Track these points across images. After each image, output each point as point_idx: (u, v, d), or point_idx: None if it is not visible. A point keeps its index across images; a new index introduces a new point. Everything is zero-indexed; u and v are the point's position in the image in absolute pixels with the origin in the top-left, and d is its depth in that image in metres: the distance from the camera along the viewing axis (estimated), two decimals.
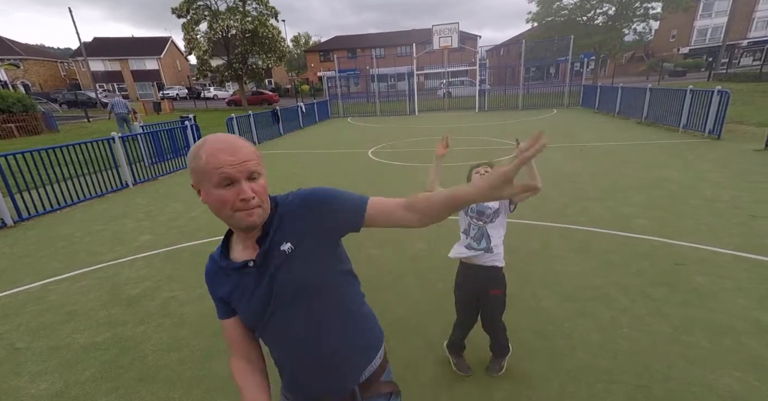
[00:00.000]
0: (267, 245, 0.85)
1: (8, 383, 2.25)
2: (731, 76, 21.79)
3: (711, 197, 4.66)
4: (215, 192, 0.77)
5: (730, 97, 7.78)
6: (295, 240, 0.85)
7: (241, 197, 0.77)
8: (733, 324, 2.39)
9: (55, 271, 3.70)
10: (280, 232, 0.86)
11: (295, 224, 0.86)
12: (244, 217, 0.79)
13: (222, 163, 0.75)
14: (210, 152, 0.76)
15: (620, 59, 38.06)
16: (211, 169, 0.76)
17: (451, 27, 16.92)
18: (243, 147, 0.79)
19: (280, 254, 0.84)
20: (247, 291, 0.87)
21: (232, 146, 0.77)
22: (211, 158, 0.76)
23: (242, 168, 0.76)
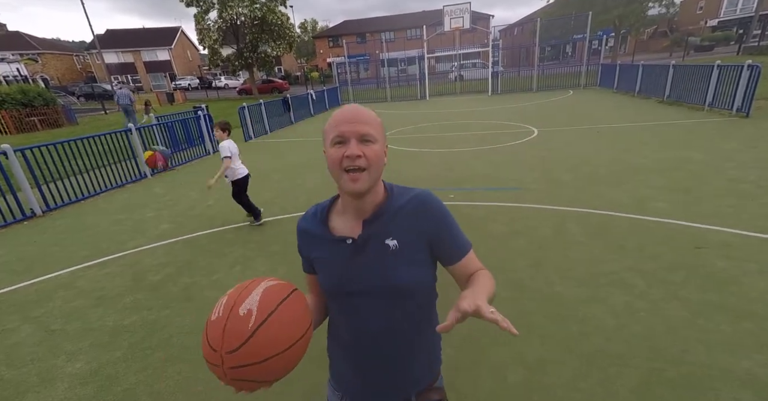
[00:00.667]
0: (373, 232, 0.86)
1: (47, 362, 2.41)
2: (763, 49, 20.60)
3: (736, 178, 4.49)
4: (330, 150, 0.81)
5: (761, 72, 7.36)
6: (401, 240, 0.85)
7: (347, 154, 0.78)
8: (755, 309, 2.34)
9: (83, 258, 3.87)
10: (390, 226, 0.86)
11: (406, 225, 0.86)
12: (350, 182, 0.80)
13: (339, 122, 0.80)
14: (335, 116, 0.83)
15: (642, 35, 36.28)
16: (330, 128, 0.81)
17: (462, 7, 16.39)
18: (363, 113, 0.82)
19: (383, 248, 0.85)
20: (336, 264, 0.88)
21: (353, 111, 0.82)
22: (333, 120, 0.82)
23: (354, 128, 0.79)
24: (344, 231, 0.89)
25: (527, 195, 4.58)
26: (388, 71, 20.17)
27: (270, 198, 5.32)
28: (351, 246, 0.86)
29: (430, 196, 0.90)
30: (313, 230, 0.93)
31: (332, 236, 0.89)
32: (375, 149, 0.80)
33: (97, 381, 2.22)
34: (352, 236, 0.87)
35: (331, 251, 0.89)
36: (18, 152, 5.13)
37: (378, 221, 0.86)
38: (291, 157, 7.96)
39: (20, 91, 14.53)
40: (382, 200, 0.89)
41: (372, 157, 0.80)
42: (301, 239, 0.97)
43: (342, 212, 0.91)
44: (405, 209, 0.87)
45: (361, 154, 0.78)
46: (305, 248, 0.96)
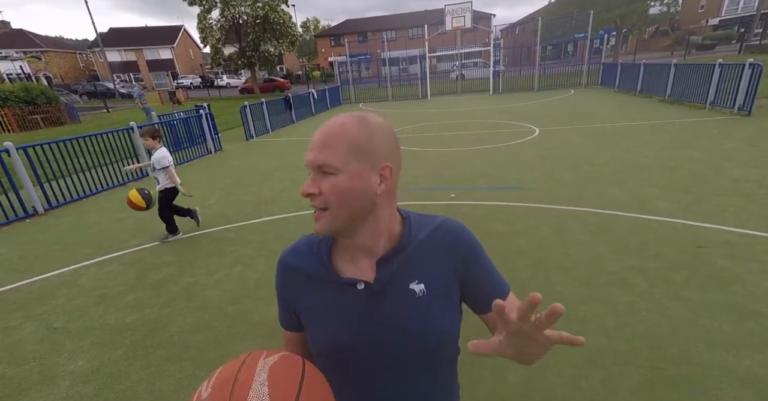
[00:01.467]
0: (392, 274, 0.68)
1: (49, 359, 2.42)
2: (765, 48, 20.51)
3: (738, 177, 4.47)
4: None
5: (762, 71, 7.33)
6: (429, 283, 0.68)
7: (300, 191, 0.64)
8: (757, 308, 2.34)
9: (84, 257, 3.88)
10: (414, 265, 0.69)
11: (433, 263, 0.70)
12: (315, 219, 0.66)
13: (309, 147, 0.65)
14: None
15: (643, 34, 36.18)
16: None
17: (463, 6, 16.36)
18: (330, 132, 0.63)
19: (407, 294, 0.68)
20: (342, 317, 0.69)
21: (320, 130, 0.64)
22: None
23: (312, 157, 0.63)
24: (353, 273, 0.70)
25: (528, 194, 4.57)
26: (390, 70, 20.16)
27: (271, 197, 5.32)
28: (364, 293, 0.67)
29: (457, 225, 0.74)
30: (308, 270, 0.72)
31: (337, 279, 0.69)
32: (335, 182, 0.61)
33: (99, 379, 2.23)
34: (365, 280, 0.68)
35: (335, 300, 0.69)
36: (20, 150, 5.15)
37: (396, 259, 0.69)
38: (292, 156, 7.96)
39: (23, 89, 14.57)
40: (398, 232, 0.71)
41: (330, 193, 0.62)
42: (285, 280, 0.75)
43: (347, 247, 0.71)
44: (429, 243, 0.71)
45: (314, 192, 0.63)
46: (290, 293, 0.75)
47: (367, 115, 0.66)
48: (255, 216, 4.61)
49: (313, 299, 0.72)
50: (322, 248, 0.73)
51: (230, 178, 6.57)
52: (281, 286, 0.77)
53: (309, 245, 0.75)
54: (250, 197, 5.41)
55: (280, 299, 0.78)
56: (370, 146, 0.63)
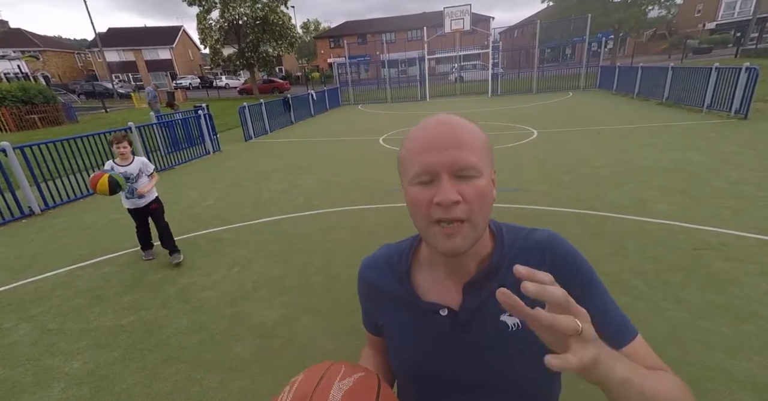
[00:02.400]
0: (480, 302, 0.59)
1: (44, 361, 2.39)
2: (761, 52, 20.66)
3: (736, 180, 4.49)
4: (409, 190, 0.55)
5: (758, 75, 7.38)
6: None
7: (437, 200, 0.51)
8: (755, 310, 2.34)
9: (81, 257, 3.86)
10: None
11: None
12: (443, 239, 0.53)
13: (422, 147, 0.54)
14: (414, 136, 0.56)
15: (641, 38, 36.39)
16: (409, 156, 0.55)
17: (462, 9, 16.40)
18: (460, 130, 0.54)
19: (497, 327, 0.59)
20: (422, 344, 0.62)
21: (444, 128, 0.54)
22: (413, 142, 0.56)
23: (447, 158, 0.52)
24: (436, 295, 0.62)
25: (527, 196, 4.58)
26: (389, 72, 20.18)
27: (269, 198, 5.30)
28: (447, 321, 0.60)
29: (561, 242, 0.62)
30: (385, 287, 0.67)
31: (418, 302, 0.62)
32: (480, 186, 0.53)
33: (94, 381, 2.20)
34: (449, 306, 0.60)
35: (415, 323, 0.63)
36: (17, 150, 5.12)
37: (486, 285, 0.59)
38: (290, 157, 7.95)
39: (21, 88, 14.51)
40: (489, 251, 0.61)
41: (475, 200, 0.53)
42: (365, 293, 0.72)
43: (429, 264, 0.64)
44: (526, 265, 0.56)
45: (458, 199, 0.51)
46: (370, 305, 0.71)
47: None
48: (253, 217, 4.59)
49: (392, 318, 0.66)
50: (402, 264, 0.65)
51: (228, 179, 6.55)
52: (362, 296, 0.73)
53: (388, 259, 0.67)
54: (249, 198, 5.39)
55: (363, 306, 0.75)
56: (490, 147, 0.57)
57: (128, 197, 3.44)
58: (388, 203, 4.68)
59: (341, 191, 5.35)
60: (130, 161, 3.39)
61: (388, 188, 5.23)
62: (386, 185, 5.38)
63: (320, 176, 6.19)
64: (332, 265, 3.33)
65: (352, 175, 6.11)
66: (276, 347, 2.38)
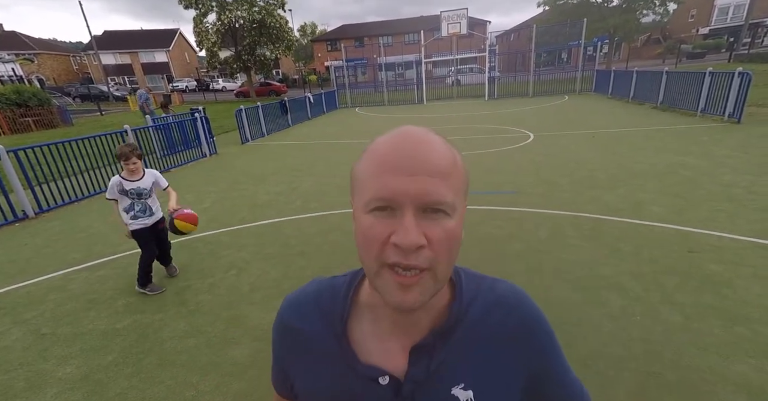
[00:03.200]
0: (426, 373, 0.48)
1: (37, 366, 2.37)
2: (753, 57, 20.94)
3: (729, 183, 4.54)
4: (361, 219, 0.43)
5: (751, 79, 7.48)
6: (480, 388, 0.48)
7: (395, 240, 0.39)
8: (748, 312, 2.36)
9: (75, 261, 3.82)
10: (462, 359, 0.49)
11: (491, 357, 0.49)
12: (393, 287, 0.42)
13: (387, 167, 0.41)
14: (377, 149, 0.44)
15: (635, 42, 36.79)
16: (368, 174, 0.43)
17: (459, 13, 16.52)
18: (437, 152, 0.41)
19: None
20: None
21: (412, 146, 0.41)
22: (377, 156, 0.43)
23: (417, 187, 0.39)
24: (374, 355, 0.50)
25: (523, 199, 4.60)
26: (386, 75, 20.25)
27: (266, 201, 5.29)
28: (387, 391, 0.48)
29: (527, 302, 0.54)
30: (312, 337, 0.53)
31: (354, 363, 0.49)
32: (450, 229, 0.41)
33: (87, 386, 2.18)
34: (391, 373, 0.48)
35: (345, 390, 0.50)
36: (11, 153, 5.08)
37: (439, 349, 0.48)
38: (287, 160, 7.95)
39: (15, 91, 14.42)
40: (446, 303, 0.50)
41: (443, 246, 0.41)
42: (283, 342, 0.57)
43: (371, 312, 0.51)
44: (487, 326, 0.50)
45: (423, 243, 0.39)
46: (287, 358, 0.57)
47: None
48: (250, 220, 4.58)
49: (314, 379, 0.52)
50: (337, 309, 0.52)
51: (225, 181, 6.54)
52: (277, 343, 0.58)
53: (318, 300, 0.54)
54: (246, 200, 5.37)
55: (275, 358, 0.60)
56: (466, 176, 0.45)
57: (139, 216, 2.99)
58: None
59: (338, 194, 5.35)
60: (140, 175, 2.99)
61: None
62: None
63: (317, 179, 6.19)
64: (330, 268, 3.32)
65: (348, 177, 6.11)
66: None
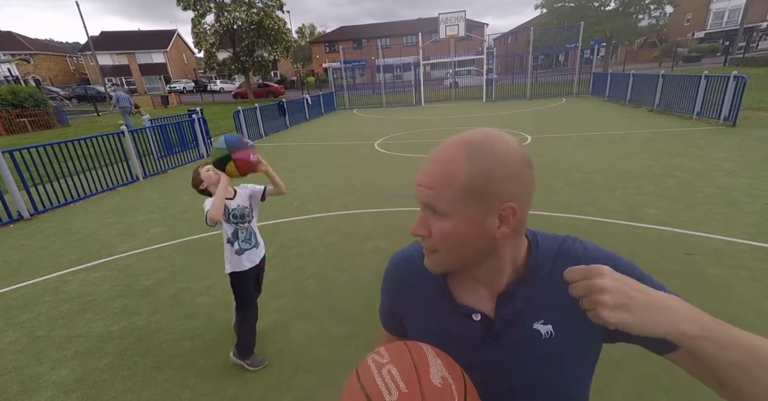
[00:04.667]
0: (512, 314, 0.59)
1: (31, 369, 2.34)
2: (748, 61, 21.11)
3: (725, 186, 4.56)
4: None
5: (746, 83, 7.55)
6: (557, 321, 0.58)
7: (410, 229, 0.57)
8: (746, 315, 2.37)
9: (71, 263, 3.79)
10: (540, 301, 0.58)
11: (565, 297, 0.53)
12: (426, 255, 0.59)
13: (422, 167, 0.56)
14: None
15: (632, 45, 37.07)
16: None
17: (457, 15, 16.59)
18: (439, 165, 0.53)
19: (530, 335, 0.58)
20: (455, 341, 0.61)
21: (431, 159, 0.55)
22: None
23: (417, 191, 0.56)
24: (468, 299, 0.62)
25: None
26: (384, 77, 20.29)
27: (263, 202, 5.27)
28: (480, 326, 0.60)
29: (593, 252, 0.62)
30: (418, 285, 0.66)
31: (452, 303, 0.62)
32: (443, 228, 0.54)
33: (83, 389, 2.16)
34: (481, 311, 0.60)
35: (447, 324, 0.62)
36: (6, 154, 5.04)
37: (520, 293, 0.59)
38: (285, 161, 7.94)
39: (11, 91, 14.33)
40: (523, 261, 0.60)
41: (438, 240, 0.55)
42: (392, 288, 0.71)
43: (466, 274, 0.63)
44: (557, 272, 0.55)
45: (422, 233, 0.56)
46: (396, 301, 0.70)
47: (490, 138, 0.52)
48: None
49: (422, 317, 0.65)
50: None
51: None
52: (388, 292, 0.71)
53: (423, 256, 0.64)
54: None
55: (385, 299, 0.72)
56: (486, 187, 0.51)
57: (244, 248, 2.17)
58: (383, 208, 4.67)
59: (336, 196, 5.34)
60: (232, 194, 2.24)
61: (386, 192, 5.23)
62: (381, 190, 5.38)
63: (315, 181, 6.18)
64: (326, 270, 3.31)
65: (347, 179, 6.11)
66: (270, 352, 2.36)
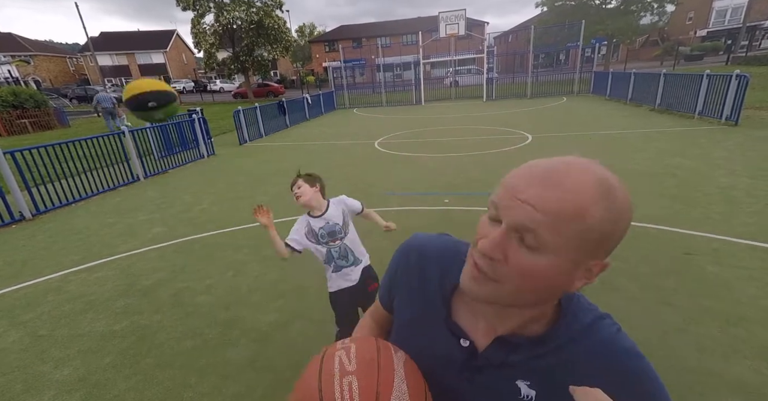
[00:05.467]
0: (500, 361, 0.54)
1: (34, 368, 2.36)
2: (751, 60, 21.03)
3: (726, 186, 4.56)
4: (484, 215, 0.51)
5: (749, 82, 7.52)
6: (544, 392, 0.53)
7: (480, 245, 0.47)
8: (745, 314, 2.37)
9: (73, 263, 3.81)
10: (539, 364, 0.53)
11: (564, 377, 0.50)
12: (466, 270, 0.51)
13: (513, 181, 0.47)
14: (528, 164, 0.50)
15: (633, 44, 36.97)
16: (502, 183, 0.49)
17: (457, 14, 16.56)
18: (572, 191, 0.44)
19: (508, 389, 0.54)
20: (434, 348, 0.59)
21: (559, 177, 0.45)
22: (520, 168, 0.49)
23: (517, 207, 0.44)
24: (464, 320, 0.58)
25: None
26: (384, 76, 20.28)
27: (264, 202, 5.24)
28: (463, 353, 0.57)
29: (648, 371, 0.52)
30: (425, 279, 0.63)
31: (446, 317, 0.59)
32: (532, 265, 0.45)
33: (85, 388, 2.17)
34: (471, 339, 0.57)
35: (433, 334, 0.60)
36: (8, 155, 5.06)
37: (520, 348, 0.54)
38: (286, 161, 7.95)
39: (11, 93, 14.36)
40: (547, 317, 0.55)
41: (515, 274, 0.46)
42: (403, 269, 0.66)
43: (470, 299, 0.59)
44: (577, 353, 0.52)
45: (497, 258, 0.45)
46: (400, 284, 0.66)
47: (621, 184, 0.49)
48: (248, 221, 4.57)
49: (413, 313, 0.63)
50: (453, 270, 0.58)
51: (223, 182, 6.53)
52: (397, 267, 0.67)
53: (441, 258, 0.62)
54: (243, 201, 5.37)
55: (388, 278, 0.69)
56: (606, 238, 0.45)
57: (342, 265, 1.96)
58: (384, 207, 4.68)
59: (337, 195, 5.34)
60: (323, 206, 1.99)
61: (386, 191, 5.24)
62: (382, 189, 5.38)
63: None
64: None
65: (347, 179, 6.12)
66: (270, 352, 2.37)
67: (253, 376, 2.18)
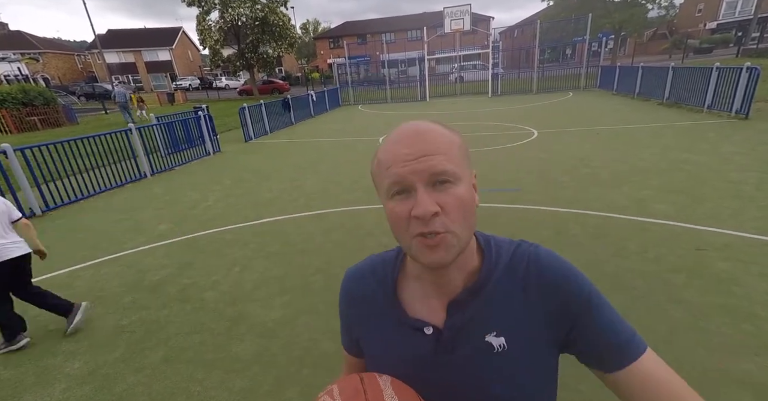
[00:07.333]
0: (464, 321, 0.56)
1: (45, 361, 2.40)
2: (762, 52, 20.60)
3: (736, 180, 4.49)
4: (387, 205, 0.53)
5: (760, 75, 7.37)
6: (511, 334, 0.55)
7: (414, 213, 0.48)
8: (755, 310, 2.34)
9: (81, 259, 3.86)
10: (492, 312, 0.56)
11: (518, 308, 0.55)
12: (424, 250, 0.50)
13: (392, 159, 0.50)
14: (386, 147, 0.53)
15: (641, 37, 36.39)
16: (381, 170, 0.53)
17: (462, 9, 16.40)
18: (428, 135, 0.51)
19: (482, 348, 0.56)
20: (406, 362, 0.59)
21: (412, 135, 0.51)
22: (384, 154, 0.52)
23: (420, 166, 0.49)
24: (420, 311, 0.59)
25: (527, 196, 4.58)
26: (389, 72, 20.19)
27: (269, 199, 5.31)
28: (431, 339, 0.57)
29: (552, 258, 0.58)
30: (370, 300, 0.63)
31: (404, 317, 0.59)
32: (459, 193, 0.50)
33: (95, 381, 2.21)
34: (433, 323, 0.57)
35: (400, 341, 0.59)
36: (18, 152, 5.13)
37: (472, 303, 0.56)
38: (290, 158, 7.96)
39: (21, 90, 14.53)
40: (476, 265, 0.58)
41: (456, 209, 0.50)
42: (346, 307, 0.67)
43: (416, 278, 0.60)
44: (509, 280, 0.57)
45: (437, 210, 0.48)
46: (351, 320, 0.67)
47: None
48: (253, 218, 4.60)
49: (375, 335, 0.63)
50: (388, 275, 0.62)
51: (229, 179, 6.56)
52: (343, 310, 0.69)
53: (374, 271, 0.64)
54: (249, 198, 5.40)
55: (342, 322, 0.70)
56: (465, 148, 0.54)
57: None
58: None
59: (341, 192, 5.35)
60: None
61: None
62: None
63: (320, 177, 6.20)
64: (332, 265, 3.33)
65: (352, 176, 6.12)
66: (276, 347, 2.39)
67: (260, 371, 2.20)
